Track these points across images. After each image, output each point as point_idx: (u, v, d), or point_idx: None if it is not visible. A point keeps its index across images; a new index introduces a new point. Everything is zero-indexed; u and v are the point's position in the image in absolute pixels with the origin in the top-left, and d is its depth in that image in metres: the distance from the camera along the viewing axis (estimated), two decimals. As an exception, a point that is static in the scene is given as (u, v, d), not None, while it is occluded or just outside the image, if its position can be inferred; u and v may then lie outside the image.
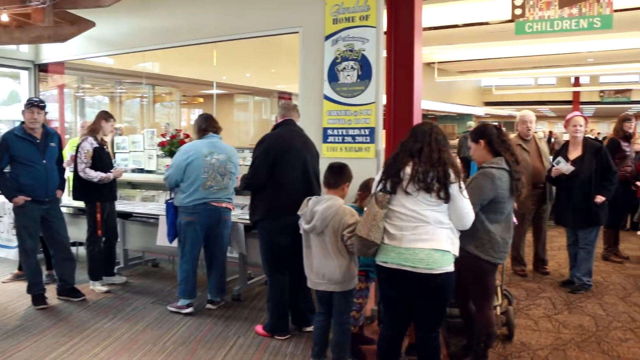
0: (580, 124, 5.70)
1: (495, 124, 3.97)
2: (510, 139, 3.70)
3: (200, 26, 6.02)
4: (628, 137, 7.04)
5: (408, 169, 3.06)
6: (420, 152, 3.07)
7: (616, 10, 6.02)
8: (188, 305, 4.99)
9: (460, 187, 3.06)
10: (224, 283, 5.27)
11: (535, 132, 6.40)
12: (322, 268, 3.64)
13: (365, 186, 3.95)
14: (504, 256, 3.61)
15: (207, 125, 5.08)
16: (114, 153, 7.15)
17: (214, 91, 13.28)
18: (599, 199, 5.44)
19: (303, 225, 3.70)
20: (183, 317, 4.91)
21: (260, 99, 16.95)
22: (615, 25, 6.00)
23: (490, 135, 3.58)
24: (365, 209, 3.17)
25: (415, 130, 3.20)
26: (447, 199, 3.01)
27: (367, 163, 4.75)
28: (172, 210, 5.04)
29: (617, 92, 26.35)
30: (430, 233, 3.03)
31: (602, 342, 4.37)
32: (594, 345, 4.31)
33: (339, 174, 3.74)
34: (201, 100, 16.97)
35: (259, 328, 4.52)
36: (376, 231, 3.06)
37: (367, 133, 4.86)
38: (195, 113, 18.40)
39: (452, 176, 3.03)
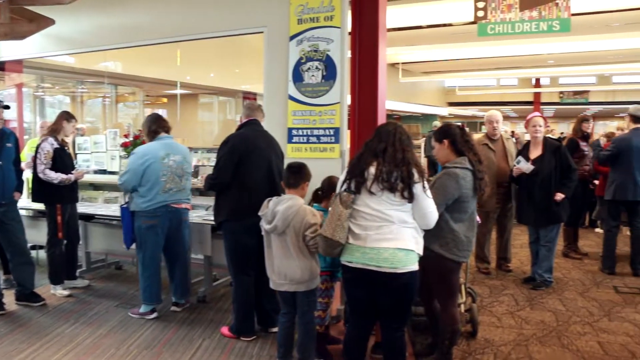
0: (540, 125, 5.81)
1: (459, 124, 4.02)
2: (473, 139, 3.74)
3: (163, 25, 5.94)
4: (586, 137, 7.22)
5: (372, 169, 3.07)
6: (384, 152, 3.09)
7: (574, 14, 6.18)
8: (152, 311, 4.92)
9: (424, 187, 3.09)
10: (188, 284, 5.21)
11: (505, 131, 6.51)
12: (284, 268, 3.64)
13: (328, 184, 3.94)
14: (468, 254, 3.66)
15: (157, 127, 4.99)
16: (76, 154, 7.01)
17: (178, 91, 13.14)
18: (559, 196, 5.56)
19: (264, 226, 3.68)
20: (147, 320, 4.84)
21: (225, 99, 16.84)
22: (574, 28, 6.15)
23: (454, 135, 3.62)
24: (329, 209, 3.17)
25: (379, 131, 3.22)
26: (410, 198, 3.04)
27: (331, 163, 4.76)
28: (128, 215, 4.91)
29: (576, 93, 27.00)
30: (394, 232, 3.04)
31: (562, 337, 4.47)
32: (554, 340, 4.40)
33: (298, 174, 3.74)
34: (165, 100, 16.77)
35: (225, 330, 4.49)
36: (341, 231, 3.07)
37: (331, 133, 4.87)
38: (160, 113, 18.15)
39: (416, 176, 3.06)
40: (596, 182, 7.19)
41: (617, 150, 6.30)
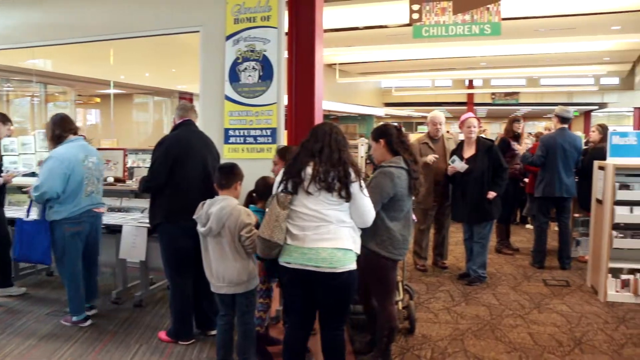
0: (474, 125, 5.98)
1: (395, 124, 4.09)
2: (409, 139, 3.81)
3: (95, 22, 5.77)
4: (517, 137, 7.50)
5: (309, 169, 3.08)
6: (320, 152, 3.10)
7: (504, 19, 6.40)
8: (86, 319, 4.75)
9: (360, 186, 3.12)
10: (97, 288, 5.08)
11: (448, 132, 6.66)
12: (222, 270, 3.60)
13: (263, 185, 3.92)
14: (404, 252, 3.73)
15: (62, 130, 4.68)
16: (1, 156, 6.71)
17: (111, 91, 12.80)
18: (491, 194, 5.74)
19: (199, 229, 3.63)
20: (81, 327, 4.68)
21: (161, 99, 16.53)
22: (504, 32, 6.37)
23: (390, 135, 3.67)
24: (267, 210, 3.16)
25: (315, 131, 3.23)
26: (348, 197, 3.06)
27: (269, 164, 4.72)
28: (46, 227, 4.58)
29: (507, 94, 27.93)
30: (332, 232, 3.06)
31: (495, 330, 4.62)
32: (488, 333, 4.54)
33: (230, 174, 3.71)
34: (98, 100, 16.31)
35: (162, 334, 4.40)
36: (279, 232, 3.06)
37: (269, 133, 4.86)
38: (93, 113, 17.65)
39: (353, 175, 3.09)
40: (526, 180, 7.46)
41: (546, 150, 6.57)
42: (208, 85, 5.18)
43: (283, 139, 4.85)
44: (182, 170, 4.17)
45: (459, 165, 5.83)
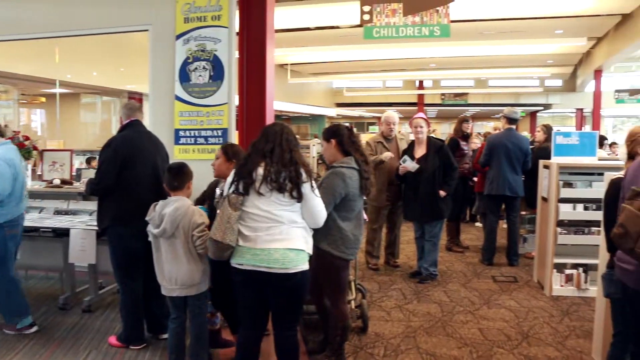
0: (422, 125, 6.08)
1: (347, 124, 4.12)
2: (360, 139, 3.84)
3: (37, 19, 5.56)
4: (466, 137, 7.66)
5: (260, 170, 3.07)
6: (272, 153, 3.09)
7: (453, 21, 6.54)
8: (31, 325, 4.58)
9: (312, 186, 3.13)
10: None
11: (400, 132, 6.73)
12: (174, 273, 3.55)
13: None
14: (355, 252, 3.76)
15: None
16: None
17: (57, 90, 12.44)
18: (442, 193, 5.85)
19: (152, 231, 3.57)
20: (26, 335, 4.50)
21: (109, 99, 16.17)
22: (453, 34, 6.50)
23: (341, 136, 3.69)
24: (218, 211, 3.13)
25: (266, 131, 3.22)
26: (300, 198, 3.06)
27: (221, 164, 4.70)
28: None
29: (456, 95, 28.46)
30: (284, 233, 3.06)
31: (447, 326, 4.71)
32: (440, 330, 4.62)
33: (182, 174, 3.66)
34: (43, 99, 15.84)
35: (113, 339, 4.30)
36: (231, 234, 3.04)
37: (220, 134, 4.81)
38: (37, 113, 17.12)
39: (304, 176, 3.09)
40: (475, 179, 7.63)
41: (491, 149, 6.74)
42: (158, 85, 5.09)
43: (234, 140, 4.81)
44: (132, 171, 4.08)
45: (410, 164, 5.91)
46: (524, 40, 16.68)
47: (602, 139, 9.85)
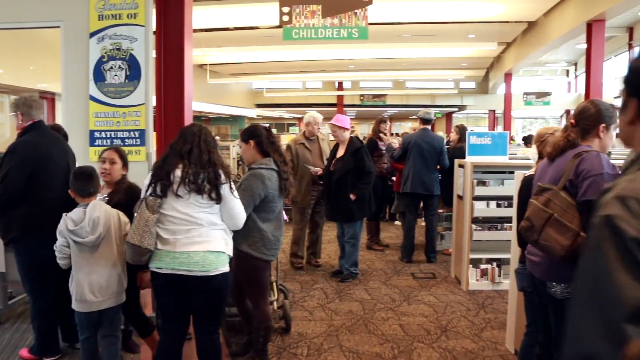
0: (334, 130, 6.12)
1: (266, 125, 4.12)
2: (278, 140, 3.84)
3: None
4: (380, 138, 7.82)
5: (178, 171, 3.01)
6: (190, 154, 3.05)
7: (371, 24, 6.67)
8: None
9: (231, 188, 3.11)
10: None
11: (321, 133, 6.78)
12: (105, 281, 3.33)
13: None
14: (276, 253, 3.77)
15: None
16: None
17: (-40, 89, 11.69)
18: (351, 196, 5.90)
19: (82, 240, 3.30)
20: None
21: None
22: (371, 36, 6.64)
23: (260, 136, 3.69)
24: (135, 214, 3.04)
25: (184, 132, 3.17)
26: (218, 199, 3.04)
27: (138, 166, 4.54)
28: None
29: (375, 96, 29.08)
30: (204, 235, 3.02)
31: (368, 324, 4.80)
32: (362, 327, 4.71)
33: (95, 179, 3.44)
34: (-58, 99, 14.83)
35: (25, 352, 4.07)
36: (149, 237, 2.96)
37: (137, 135, 4.68)
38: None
39: (223, 177, 3.07)
40: (394, 178, 7.81)
41: (405, 148, 6.94)
42: (71, 85, 4.88)
43: (152, 141, 4.70)
44: (42, 180, 3.82)
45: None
46: (439, 44, 17.31)
47: (529, 138, 10.39)
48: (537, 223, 2.56)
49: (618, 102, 1.52)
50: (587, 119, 2.66)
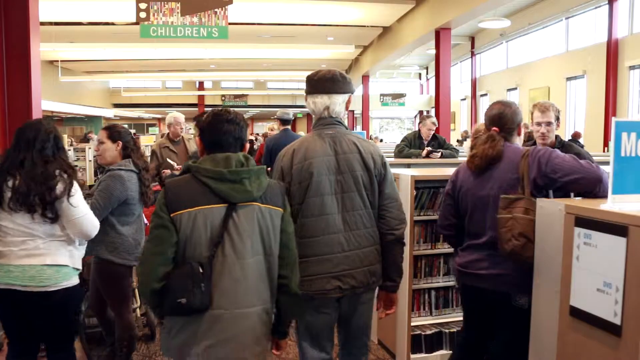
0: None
1: (125, 126, 3.95)
2: (139, 142, 3.71)
3: None
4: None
5: (10, 183, 2.71)
6: (22, 165, 2.73)
7: (231, 23, 6.65)
8: None
9: (69, 195, 2.76)
10: None
11: (187, 132, 6.59)
12: None
13: None
14: (137, 258, 3.61)
15: None
16: None
17: None
18: None
19: None
20: None
21: None
22: (232, 36, 6.61)
23: (129, 142, 3.54)
24: None
25: (18, 138, 2.82)
26: (54, 218, 2.74)
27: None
28: None
29: (237, 96, 29.06)
30: (41, 248, 2.75)
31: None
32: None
33: None
34: None
35: None
36: None
37: (-23, 137, 4.29)
38: None
39: (59, 191, 2.73)
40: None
41: (270, 151, 6.98)
42: None
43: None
44: None
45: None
46: (299, 45, 17.68)
47: (465, 137, 10.83)
48: (532, 236, 2.46)
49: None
50: (509, 122, 2.73)
